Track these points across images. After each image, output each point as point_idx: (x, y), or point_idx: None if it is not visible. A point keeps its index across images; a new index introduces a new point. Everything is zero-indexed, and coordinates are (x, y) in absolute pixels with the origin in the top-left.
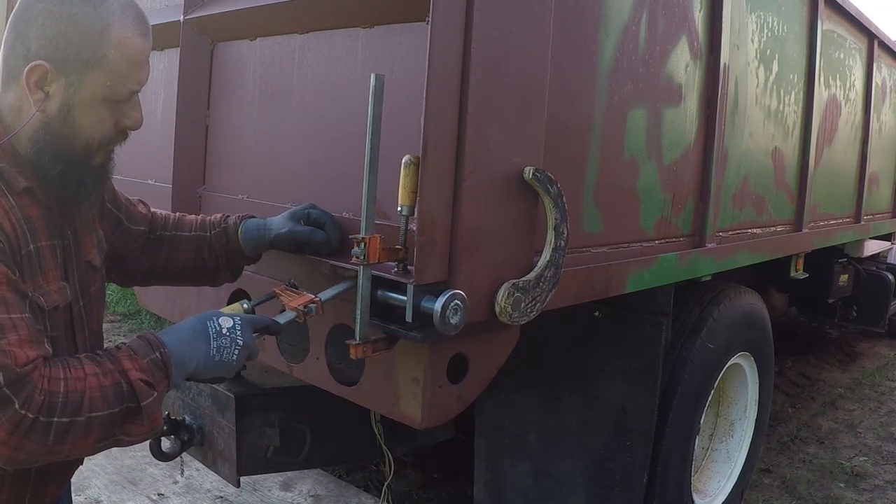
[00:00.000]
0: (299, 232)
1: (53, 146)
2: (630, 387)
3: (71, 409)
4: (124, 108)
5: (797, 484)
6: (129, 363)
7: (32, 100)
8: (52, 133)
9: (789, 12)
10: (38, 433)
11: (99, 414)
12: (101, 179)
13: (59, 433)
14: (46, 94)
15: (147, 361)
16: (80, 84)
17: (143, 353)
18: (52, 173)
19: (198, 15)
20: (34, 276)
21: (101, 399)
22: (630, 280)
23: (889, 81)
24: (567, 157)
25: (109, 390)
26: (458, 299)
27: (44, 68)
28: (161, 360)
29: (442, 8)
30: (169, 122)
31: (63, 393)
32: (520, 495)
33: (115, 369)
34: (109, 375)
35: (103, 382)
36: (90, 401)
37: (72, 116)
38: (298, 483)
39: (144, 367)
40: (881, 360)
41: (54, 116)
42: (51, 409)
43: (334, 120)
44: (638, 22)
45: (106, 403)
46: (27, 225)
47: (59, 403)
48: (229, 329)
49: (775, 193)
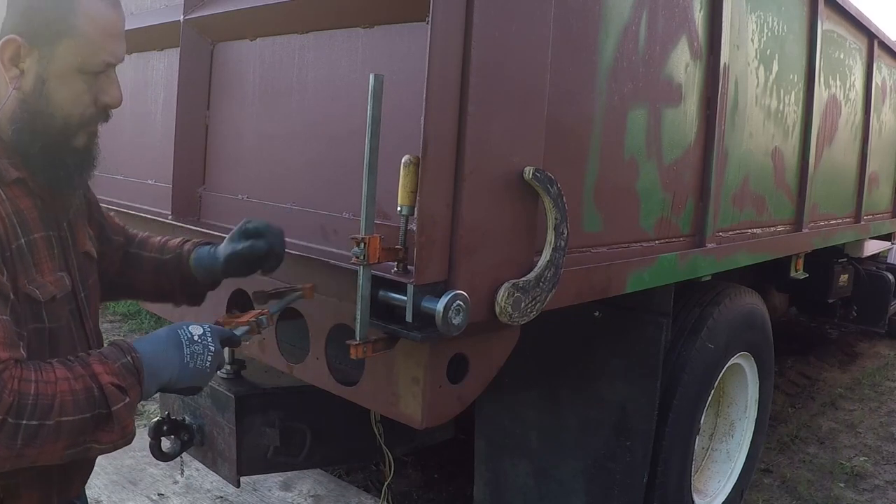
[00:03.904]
0: (240, 249)
1: (31, 124)
2: (630, 387)
3: (40, 411)
4: (101, 84)
5: (797, 484)
6: (99, 367)
7: (8, 77)
8: (30, 110)
9: (789, 12)
10: (6, 435)
11: (69, 419)
12: (85, 163)
13: (27, 436)
14: (21, 72)
15: (118, 366)
16: (52, 55)
17: (114, 357)
18: (32, 152)
19: (198, 15)
20: (27, 269)
21: (72, 403)
22: (630, 280)
23: (889, 81)
24: (567, 157)
25: (81, 395)
26: (461, 300)
27: (16, 42)
28: (133, 364)
29: (442, 8)
30: (169, 122)
31: (33, 395)
32: (520, 495)
33: (86, 374)
34: (80, 380)
35: (74, 387)
36: (61, 405)
37: (47, 90)
38: (298, 483)
39: (115, 371)
40: (881, 360)
41: (30, 92)
42: (20, 411)
43: (334, 120)
44: (638, 22)
45: (77, 408)
46: (17, 218)
47: (29, 405)
48: (200, 336)
49: (775, 193)
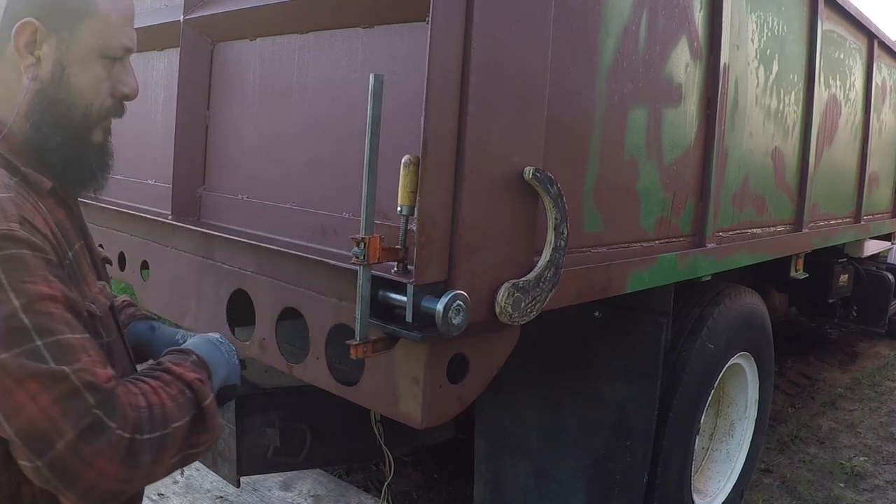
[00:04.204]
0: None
1: (51, 114)
2: (630, 387)
3: (160, 421)
4: (118, 73)
5: (797, 484)
6: (178, 368)
7: (23, 66)
8: (48, 100)
9: (789, 12)
10: (136, 453)
11: (178, 424)
12: (104, 162)
13: (154, 450)
14: (38, 59)
15: (191, 364)
16: (73, 38)
17: (182, 359)
18: (52, 146)
19: (198, 15)
20: (79, 284)
21: (176, 409)
22: (630, 280)
23: (889, 81)
24: (567, 157)
25: (179, 398)
26: (461, 300)
27: (33, 26)
28: (199, 360)
29: (442, 8)
30: (169, 122)
31: (146, 407)
32: (520, 495)
33: (172, 377)
34: (173, 384)
35: (171, 392)
36: (170, 412)
37: (67, 77)
38: (298, 483)
39: (192, 368)
40: (881, 360)
41: (48, 80)
42: (141, 426)
43: (334, 120)
44: (638, 22)
45: (180, 412)
46: (60, 230)
47: (146, 418)
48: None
49: (775, 193)
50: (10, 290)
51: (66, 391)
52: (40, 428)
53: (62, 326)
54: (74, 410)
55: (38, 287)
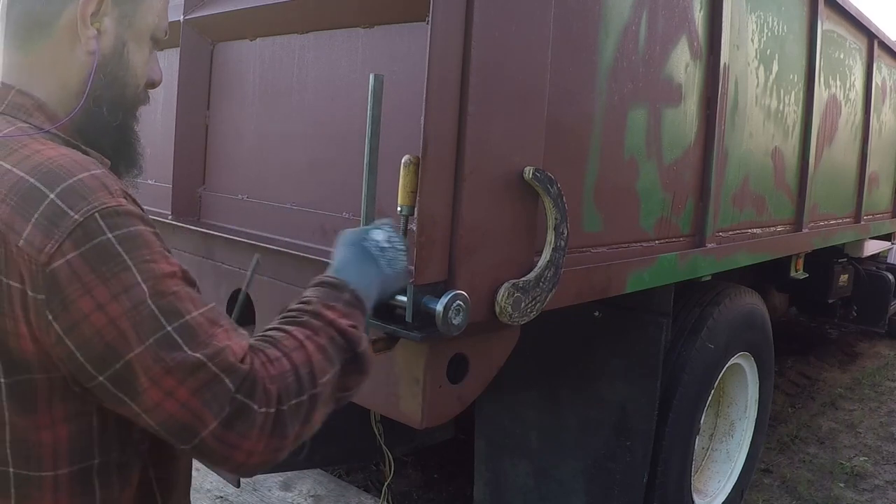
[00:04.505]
0: None
1: (111, 92)
2: (630, 387)
3: (307, 383)
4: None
5: (797, 484)
6: (331, 314)
7: (83, 38)
8: (109, 76)
9: (789, 12)
10: (283, 424)
11: (327, 378)
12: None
13: (302, 414)
14: (98, 32)
15: (343, 305)
16: (135, 14)
17: (335, 297)
18: (115, 124)
19: (198, 15)
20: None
21: (325, 361)
22: (630, 280)
23: (889, 81)
24: (567, 157)
25: (329, 348)
26: (461, 300)
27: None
28: (354, 298)
29: (442, 8)
30: (169, 122)
31: (291, 371)
32: (520, 495)
33: (323, 324)
34: (321, 332)
35: (320, 342)
36: (318, 367)
37: (127, 54)
38: (298, 483)
39: (345, 312)
40: (881, 360)
41: (109, 56)
42: (285, 395)
43: (334, 120)
44: (638, 22)
45: (330, 363)
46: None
47: (292, 384)
48: (388, 240)
49: (775, 193)
50: (135, 272)
51: (205, 381)
52: (182, 421)
53: (188, 305)
54: (215, 400)
55: (160, 265)
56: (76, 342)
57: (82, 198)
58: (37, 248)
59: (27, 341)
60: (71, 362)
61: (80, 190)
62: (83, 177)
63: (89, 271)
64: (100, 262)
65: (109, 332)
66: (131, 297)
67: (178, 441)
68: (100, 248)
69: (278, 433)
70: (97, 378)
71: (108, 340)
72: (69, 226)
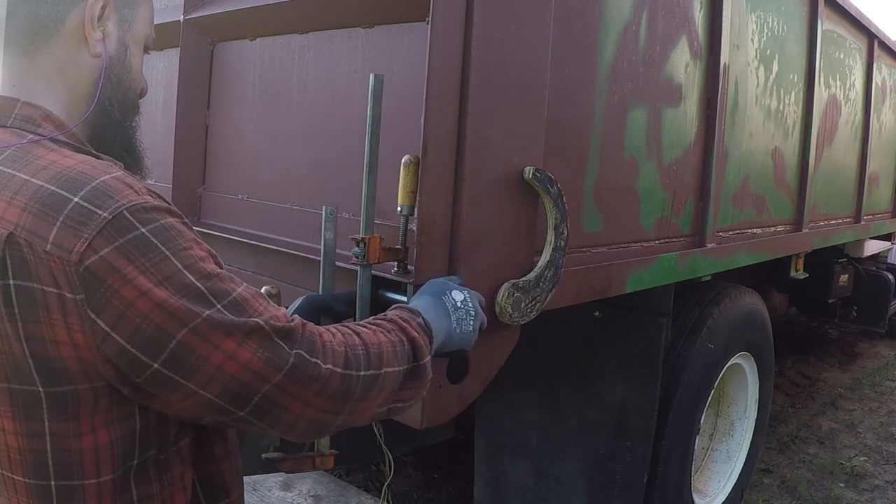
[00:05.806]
0: None
1: (117, 94)
2: (630, 387)
3: (375, 361)
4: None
5: (797, 484)
6: (404, 323)
7: (91, 41)
8: (115, 79)
9: (789, 12)
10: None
11: (392, 370)
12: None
13: (363, 388)
14: (103, 35)
15: (416, 324)
16: (133, 19)
17: (410, 318)
18: (126, 123)
19: (198, 15)
20: None
21: (393, 354)
22: (630, 280)
23: (889, 81)
24: (567, 157)
25: (398, 346)
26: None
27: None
28: (425, 324)
29: (442, 8)
30: (169, 122)
31: (361, 345)
32: (520, 495)
33: (395, 328)
34: (393, 332)
35: (391, 338)
36: (386, 355)
37: (128, 58)
38: (298, 483)
39: (416, 328)
40: (881, 360)
41: (115, 59)
42: (351, 362)
43: (334, 120)
44: (638, 22)
45: (396, 360)
46: None
47: (362, 355)
48: (462, 301)
49: (775, 193)
50: (175, 260)
51: (263, 340)
52: (244, 381)
53: (230, 284)
54: (276, 356)
55: (196, 251)
56: (125, 333)
57: (109, 196)
58: (66, 248)
59: (67, 347)
60: (121, 358)
61: (106, 190)
62: (105, 179)
63: (127, 263)
64: (138, 253)
65: (158, 315)
66: (174, 283)
67: (232, 408)
68: (135, 241)
69: (339, 394)
70: (152, 366)
71: (158, 323)
72: (99, 223)
